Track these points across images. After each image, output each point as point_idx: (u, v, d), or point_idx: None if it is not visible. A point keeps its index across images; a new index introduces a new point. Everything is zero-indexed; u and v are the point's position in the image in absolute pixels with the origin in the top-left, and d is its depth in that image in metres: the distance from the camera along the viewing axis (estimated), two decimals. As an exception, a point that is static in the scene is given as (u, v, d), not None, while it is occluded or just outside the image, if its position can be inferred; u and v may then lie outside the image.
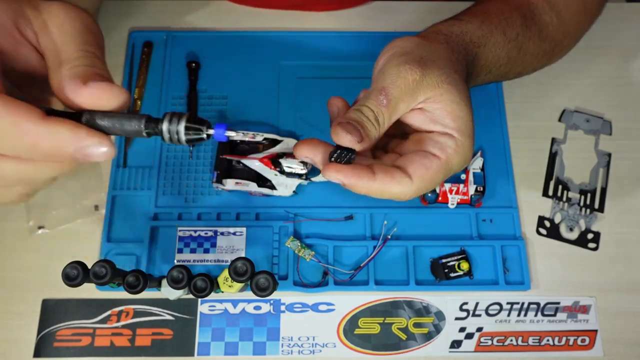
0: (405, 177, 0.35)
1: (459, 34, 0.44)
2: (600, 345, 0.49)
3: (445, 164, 0.36)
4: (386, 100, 0.35)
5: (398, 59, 0.37)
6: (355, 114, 0.36)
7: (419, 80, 0.36)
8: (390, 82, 0.36)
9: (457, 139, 0.37)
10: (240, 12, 0.63)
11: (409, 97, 0.36)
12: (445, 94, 0.36)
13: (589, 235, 0.53)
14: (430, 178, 0.36)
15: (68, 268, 0.40)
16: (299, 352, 0.49)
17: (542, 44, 0.50)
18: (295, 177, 0.52)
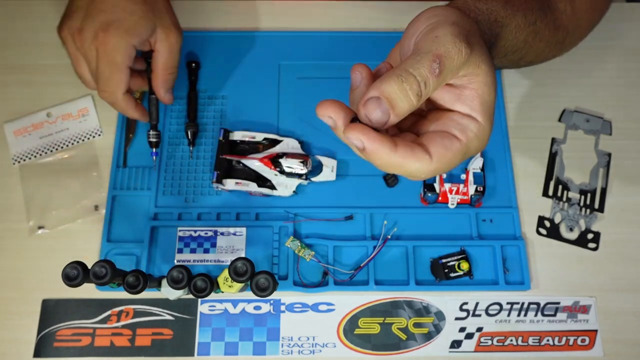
0: (425, 155, 0.33)
1: (485, 11, 0.41)
2: (600, 345, 0.49)
3: (465, 147, 0.34)
4: (439, 69, 0.32)
5: (452, 28, 0.33)
6: (394, 86, 0.31)
7: (469, 55, 0.33)
8: (447, 52, 0.32)
9: (480, 122, 0.35)
10: (240, 12, 0.63)
11: (456, 71, 0.33)
12: (481, 75, 0.34)
13: (589, 235, 0.53)
14: (449, 159, 0.34)
15: (68, 268, 0.40)
16: (299, 352, 0.49)
17: (556, 32, 0.50)
18: (295, 177, 0.52)
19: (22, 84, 0.54)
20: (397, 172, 0.34)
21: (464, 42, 0.33)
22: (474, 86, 0.34)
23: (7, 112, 0.57)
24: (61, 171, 0.55)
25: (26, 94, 0.57)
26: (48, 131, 0.56)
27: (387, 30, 0.62)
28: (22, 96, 0.58)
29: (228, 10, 0.63)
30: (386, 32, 0.61)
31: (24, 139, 0.56)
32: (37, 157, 0.56)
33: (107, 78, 0.49)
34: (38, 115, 0.57)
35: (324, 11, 0.63)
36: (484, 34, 0.40)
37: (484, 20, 0.41)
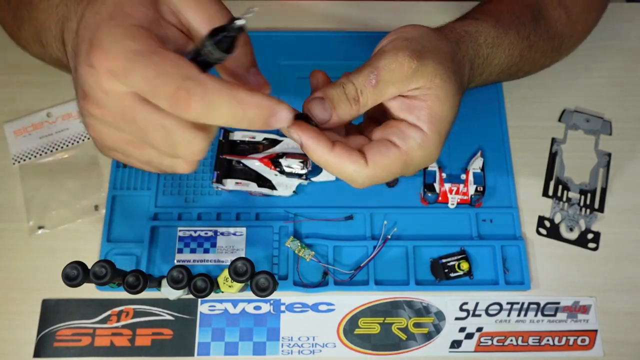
0: (361, 159, 0.35)
1: (473, 33, 0.43)
2: (600, 345, 0.49)
3: (404, 155, 0.35)
4: (375, 80, 0.35)
5: (399, 43, 0.36)
6: (335, 90, 0.35)
7: (415, 69, 0.35)
8: (385, 64, 0.35)
9: (425, 132, 0.36)
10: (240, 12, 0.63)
11: (400, 84, 0.35)
12: (434, 89, 0.36)
13: (589, 235, 0.53)
14: (386, 166, 0.35)
15: (68, 268, 0.40)
16: (299, 352, 0.49)
17: (551, 40, 0.50)
18: (295, 177, 0.52)
19: (22, 84, 0.54)
20: (335, 173, 0.35)
21: (408, 57, 0.35)
22: (425, 98, 0.36)
23: (7, 112, 0.57)
24: (61, 171, 0.55)
25: (26, 94, 0.57)
26: (48, 131, 0.56)
27: (387, 30, 0.61)
28: (22, 96, 0.58)
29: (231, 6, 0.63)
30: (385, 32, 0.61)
31: (24, 139, 0.56)
32: (37, 157, 0.56)
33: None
34: (38, 115, 0.57)
35: (324, 11, 0.63)
36: (464, 56, 0.41)
37: (471, 41, 0.43)
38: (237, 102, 0.29)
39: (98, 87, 0.30)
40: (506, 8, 0.47)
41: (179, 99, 0.28)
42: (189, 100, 0.28)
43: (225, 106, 0.28)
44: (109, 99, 0.30)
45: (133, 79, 0.28)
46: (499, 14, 0.47)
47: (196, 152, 0.31)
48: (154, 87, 0.28)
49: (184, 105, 0.28)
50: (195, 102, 0.28)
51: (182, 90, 0.28)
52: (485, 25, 0.44)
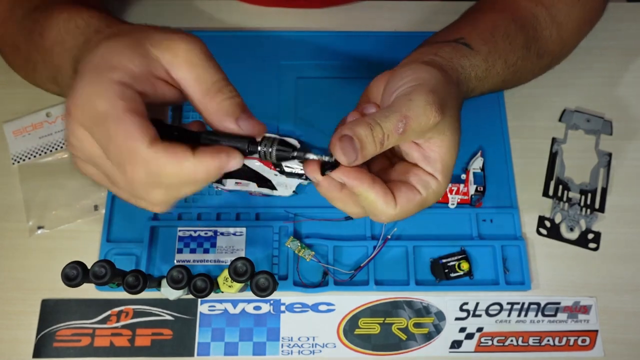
0: (392, 201, 0.37)
1: (467, 67, 0.44)
2: (600, 346, 0.49)
3: (423, 200, 0.38)
4: (403, 129, 0.35)
5: (427, 96, 0.36)
6: (364, 130, 0.35)
7: (437, 123, 0.36)
8: (415, 116, 0.35)
9: (439, 181, 0.38)
10: (241, 11, 0.63)
11: (421, 134, 0.37)
12: (445, 141, 0.38)
13: (589, 235, 0.53)
14: (409, 210, 0.38)
15: (68, 268, 0.40)
16: (299, 352, 0.49)
17: (540, 60, 0.51)
18: (295, 177, 0.52)
19: (22, 84, 0.54)
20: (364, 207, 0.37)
21: (435, 111, 0.36)
22: (438, 150, 0.38)
23: (6, 112, 0.57)
24: (61, 171, 0.55)
25: (26, 94, 0.57)
26: (48, 131, 0.56)
27: (387, 30, 0.62)
28: (22, 96, 0.58)
29: (228, 10, 0.63)
30: (386, 32, 0.61)
31: (23, 139, 0.56)
32: (37, 157, 0.56)
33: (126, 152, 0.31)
34: (38, 115, 0.57)
35: (323, 11, 0.63)
36: (461, 92, 0.43)
37: (464, 78, 0.44)
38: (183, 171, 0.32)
39: (72, 133, 0.33)
40: (501, 32, 0.47)
41: (125, 172, 0.32)
42: (133, 175, 0.31)
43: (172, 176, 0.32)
44: (81, 144, 0.33)
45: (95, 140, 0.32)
46: (493, 41, 0.47)
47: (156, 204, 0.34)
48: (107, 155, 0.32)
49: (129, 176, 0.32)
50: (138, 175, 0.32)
51: (126, 166, 0.31)
52: (478, 57, 0.45)
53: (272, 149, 0.35)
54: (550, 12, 0.50)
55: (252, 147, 0.34)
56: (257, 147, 0.34)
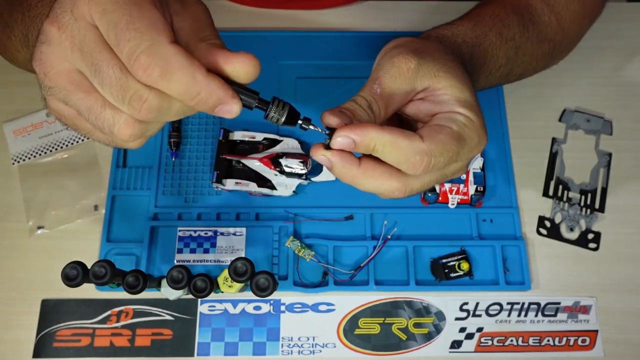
0: (416, 135, 0.33)
1: (450, 36, 0.44)
2: (600, 346, 0.49)
3: (457, 134, 0.35)
4: (380, 89, 0.35)
5: (392, 52, 0.37)
6: (349, 103, 0.35)
7: (415, 68, 0.36)
8: (385, 72, 0.36)
9: (465, 115, 0.36)
10: (240, 12, 0.63)
11: (405, 86, 0.36)
12: (443, 81, 0.36)
13: (589, 235, 0.53)
14: (442, 141, 0.34)
15: (68, 268, 0.40)
16: (299, 352, 0.49)
17: (541, 44, 0.50)
18: (295, 177, 0.52)
19: (22, 84, 0.54)
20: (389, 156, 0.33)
21: (403, 57, 0.36)
22: (442, 91, 0.36)
23: (6, 112, 0.57)
24: (61, 171, 0.55)
25: (26, 94, 0.57)
26: (48, 131, 0.56)
27: (387, 30, 0.62)
28: (22, 96, 0.58)
29: (228, 10, 0.63)
30: (386, 32, 0.61)
31: (23, 138, 0.56)
32: (37, 157, 0.56)
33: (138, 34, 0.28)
34: (38, 115, 0.57)
35: (324, 11, 0.63)
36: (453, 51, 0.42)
37: (450, 42, 0.43)
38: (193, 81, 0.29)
39: (69, 9, 0.29)
40: (488, 12, 0.48)
41: (139, 61, 0.28)
42: (147, 67, 0.28)
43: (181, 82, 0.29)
44: (75, 24, 0.29)
45: (104, 22, 0.28)
46: (479, 17, 0.47)
47: (144, 107, 0.29)
48: (120, 39, 0.28)
49: (141, 68, 0.28)
50: (152, 70, 0.28)
51: (143, 55, 0.28)
52: (460, 27, 0.45)
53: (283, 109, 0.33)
54: (547, 2, 0.50)
55: (262, 105, 0.33)
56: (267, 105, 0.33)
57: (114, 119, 0.31)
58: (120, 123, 0.31)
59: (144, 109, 0.29)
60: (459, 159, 0.36)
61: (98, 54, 0.29)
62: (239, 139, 0.55)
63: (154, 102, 0.29)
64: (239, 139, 0.55)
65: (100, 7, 0.28)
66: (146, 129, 0.32)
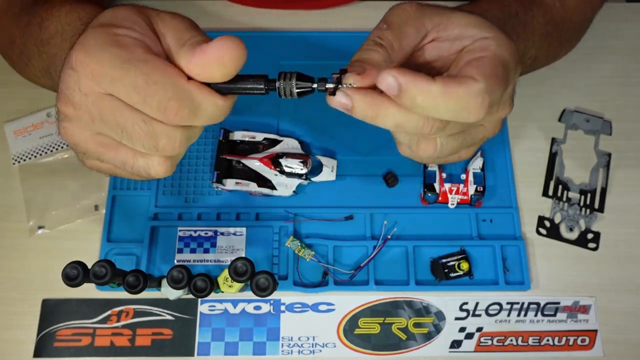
0: (466, 77, 0.30)
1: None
2: (600, 346, 0.49)
3: (495, 57, 0.32)
4: (386, 24, 0.35)
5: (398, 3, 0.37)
6: (359, 52, 0.34)
7: (417, 9, 0.35)
8: (390, 13, 0.36)
9: (490, 36, 0.33)
10: (240, 12, 0.63)
11: (413, 22, 0.35)
12: (454, 16, 0.35)
13: (589, 235, 0.53)
14: (492, 73, 0.31)
15: (68, 268, 0.40)
16: (299, 352, 0.49)
17: (547, 25, 0.50)
18: (295, 177, 0.52)
19: (22, 84, 0.54)
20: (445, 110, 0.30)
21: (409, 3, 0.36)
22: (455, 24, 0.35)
23: (7, 112, 0.57)
24: (61, 171, 0.55)
25: (26, 94, 0.57)
26: (48, 131, 0.56)
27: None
28: (22, 96, 0.58)
29: (228, 10, 0.63)
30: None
31: (24, 139, 0.56)
32: (37, 157, 0.56)
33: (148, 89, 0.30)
34: (38, 115, 0.57)
35: (324, 11, 0.63)
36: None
37: None
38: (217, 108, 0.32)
39: (77, 88, 0.31)
40: None
41: (170, 109, 0.30)
42: (178, 111, 0.30)
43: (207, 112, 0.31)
44: (87, 100, 0.31)
45: (119, 87, 0.30)
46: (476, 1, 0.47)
47: (177, 146, 0.32)
48: (145, 97, 0.29)
49: (172, 113, 0.30)
50: (183, 112, 0.30)
51: (172, 101, 0.29)
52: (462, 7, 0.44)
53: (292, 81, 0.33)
54: None
55: (270, 84, 0.33)
56: (274, 83, 0.33)
57: (148, 164, 0.33)
58: (154, 166, 0.33)
59: (177, 146, 0.32)
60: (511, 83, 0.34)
61: (120, 117, 0.31)
62: (239, 139, 0.55)
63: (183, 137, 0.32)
64: (239, 139, 0.55)
65: (107, 78, 0.30)
66: (178, 159, 0.35)
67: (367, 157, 0.56)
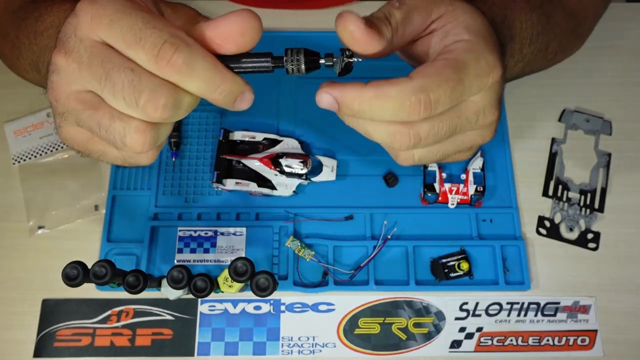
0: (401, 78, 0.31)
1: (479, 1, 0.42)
2: (600, 345, 0.49)
3: (453, 61, 0.32)
4: (399, 3, 0.34)
5: None
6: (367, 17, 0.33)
7: None
8: None
9: (467, 40, 0.33)
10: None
11: (423, 9, 0.34)
12: (458, 9, 0.35)
13: (589, 235, 0.53)
14: (435, 73, 0.31)
15: (68, 268, 0.40)
16: (299, 352, 0.49)
17: (568, 18, 0.49)
18: (295, 177, 0.52)
19: (22, 84, 0.54)
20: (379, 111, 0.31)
21: None
22: (454, 19, 0.34)
23: (7, 112, 0.57)
24: (61, 171, 0.55)
25: (26, 94, 0.57)
26: (48, 131, 0.56)
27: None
28: (22, 96, 0.58)
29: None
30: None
31: (24, 139, 0.56)
32: (37, 157, 0.56)
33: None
34: (38, 115, 0.57)
35: (324, 12, 0.63)
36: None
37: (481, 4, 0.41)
38: (217, 70, 0.29)
39: (73, 34, 0.30)
40: None
41: (164, 51, 0.28)
42: (173, 55, 0.28)
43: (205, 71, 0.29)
44: (80, 45, 0.30)
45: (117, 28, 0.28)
46: None
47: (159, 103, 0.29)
48: (140, 36, 0.28)
49: (167, 58, 0.28)
50: (178, 57, 0.28)
51: (168, 44, 0.28)
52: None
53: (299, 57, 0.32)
54: None
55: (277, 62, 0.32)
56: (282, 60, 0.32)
57: (124, 129, 0.30)
58: (131, 132, 0.30)
59: (160, 106, 0.29)
60: (467, 90, 0.32)
61: (107, 63, 0.29)
62: (239, 139, 0.55)
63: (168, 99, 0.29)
64: (239, 139, 0.55)
65: (106, 19, 0.29)
66: (157, 135, 0.31)
67: (367, 157, 0.56)
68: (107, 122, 0.30)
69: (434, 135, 0.33)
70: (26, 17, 0.46)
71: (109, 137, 0.31)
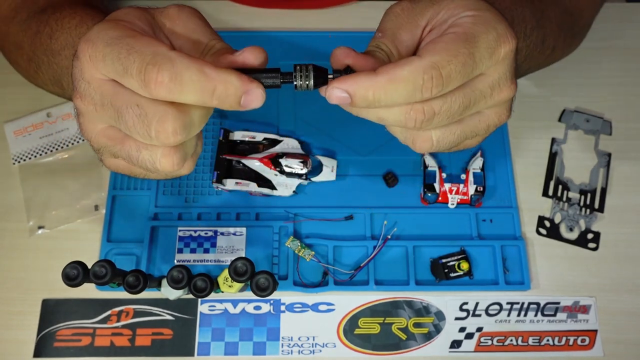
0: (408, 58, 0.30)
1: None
2: (600, 345, 0.49)
3: (462, 34, 0.31)
4: (381, 33, 0.35)
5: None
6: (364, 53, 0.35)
7: (408, 9, 0.35)
8: (382, 22, 0.36)
9: (470, 15, 0.32)
10: (241, 12, 0.63)
11: (406, 25, 0.34)
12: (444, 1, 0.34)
13: (589, 235, 0.53)
14: (445, 48, 0.30)
15: (68, 268, 0.40)
16: (299, 352, 0.49)
17: (563, 14, 0.50)
18: (295, 177, 0.52)
19: (22, 84, 0.54)
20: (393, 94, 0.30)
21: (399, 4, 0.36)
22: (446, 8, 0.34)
23: (7, 112, 0.57)
24: (61, 171, 0.55)
25: (26, 94, 0.57)
26: (48, 131, 0.56)
27: (387, 30, 0.62)
28: (22, 96, 0.58)
29: (228, 10, 0.63)
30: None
31: (24, 139, 0.56)
32: (37, 157, 0.56)
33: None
34: (38, 115, 0.57)
35: (324, 12, 0.63)
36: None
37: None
38: (204, 76, 0.28)
39: (81, 77, 0.31)
40: None
41: (148, 74, 0.28)
42: (158, 75, 0.28)
43: (193, 81, 0.28)
44: (90, 87, 0.31)
45: (109, 62, 0.29)
46: None
47: (169, 131, 0.29)
48: (125, 65, 0.29)
49: (153, 80, 0.28)
50: (163, 76, 0.28)
51: (150, 65, 0.28)
52: None
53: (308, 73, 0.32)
54: None
55: (286, 78, 0.32)
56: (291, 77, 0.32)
57: (152, 156, 0.31)
58: (159, 158, 0.31)
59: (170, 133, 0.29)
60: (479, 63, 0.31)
61: (116, 101, 0.30)
62: (239, 139, 0.55)
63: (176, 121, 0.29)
64: (239, 139, 0.55)
65: (100, 54, 0.30)
66: (185, 152, 0.32)
67: (367, 157, 0.56)
68: (135, 153, 0.32)
69: (448, 110, 0.32)
70: (38, 31, 0.46)
71: (142, 165, 0.32)
